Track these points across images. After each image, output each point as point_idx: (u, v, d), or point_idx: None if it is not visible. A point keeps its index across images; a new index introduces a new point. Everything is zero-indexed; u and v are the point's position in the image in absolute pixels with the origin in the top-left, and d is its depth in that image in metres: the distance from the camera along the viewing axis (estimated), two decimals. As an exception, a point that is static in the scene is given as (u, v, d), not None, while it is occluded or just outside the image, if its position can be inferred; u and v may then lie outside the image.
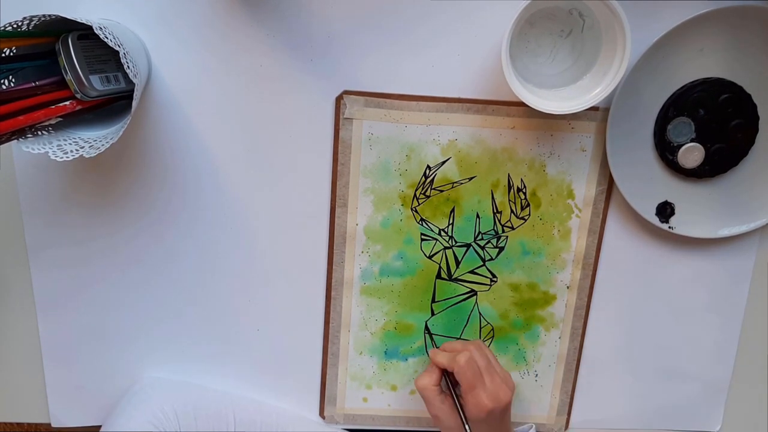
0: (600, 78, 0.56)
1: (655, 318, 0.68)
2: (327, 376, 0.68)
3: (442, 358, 0.61)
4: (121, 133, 0.52)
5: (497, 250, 0.65)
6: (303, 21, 0.58)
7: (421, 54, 0.59)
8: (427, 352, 0.68)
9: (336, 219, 0.63)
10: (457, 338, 0.67)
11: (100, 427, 0.68)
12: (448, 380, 0.61)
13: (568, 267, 0.66)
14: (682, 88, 0.59)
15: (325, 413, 0.69)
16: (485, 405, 0.57)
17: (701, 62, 0.59)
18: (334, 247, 0.64)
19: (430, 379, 0.61)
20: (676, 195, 0.63)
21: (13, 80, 0.52)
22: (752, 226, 0.64)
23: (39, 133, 0.53)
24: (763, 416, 0.72)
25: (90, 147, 0.52)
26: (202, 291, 0.65)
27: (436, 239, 0.64)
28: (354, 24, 0.58)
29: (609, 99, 0.58)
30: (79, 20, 0.49)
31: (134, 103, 0.51)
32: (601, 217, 0.64)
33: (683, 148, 0.60)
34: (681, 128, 0.60)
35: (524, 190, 0.63)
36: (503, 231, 0.64)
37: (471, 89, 0.60)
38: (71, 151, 0.52)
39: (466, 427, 0.57)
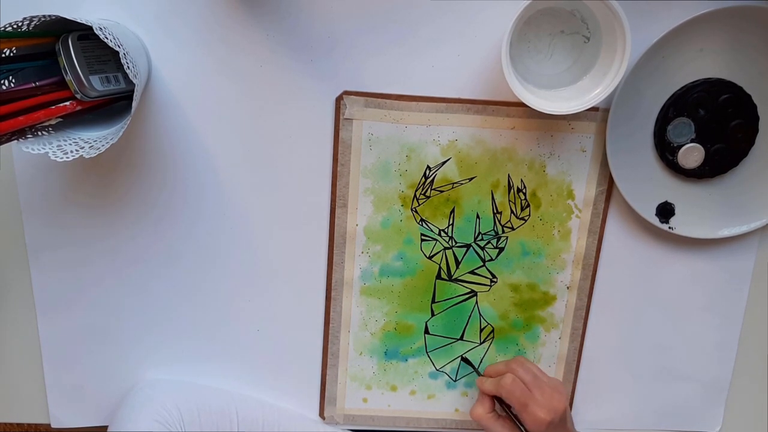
0: (600, 78, 0.56)
1: (655, 318, 0.68)
2: (327, 377, 0.68)
3: (488, 385, 0.62)
4: (121, 133, 0.52)
5: (497, 250, 0.65)
6: (303, 21, 0.58)
7: (421, 54, 0.59)
8: (427, 352, 0.68)
9: (336, 219, 0.63)
10: (457, 339, 0.67)
11: (99, 427, 0.68)
12: (502, 404, 0.62)
13: (568, 267, 0.66)
14: (682, 88, 0.59)
15: (325, 413, 0.69)
16: (542, 419, 0.58)
17: (701, 62, 0.58)
18: (334, 248, 0.64)
19: (483, 408, 0.63)
20: (676, 195, 0.63)
21: (13, 80, 0.52)
22: (752, 226, 0.64)
23: (39, 133, 0.53)
24: (763, 416, 0.72)
25: (90, 147, 0.52)
26: (201, 291, 0.65)
27: (436, 240, 0.64)
28: (354, 25, 0.58)
29: (609, 99, 0.58)
30: (79, 21, 0.49)
31: (134, 104, 0.51)
32: (601, 217, 0.64)
33: (683, 148, 0.60)
34: (681, 129, 0.60)
35: (524, 191, 0.63)
36: (503, 231, 0.64)
37: (471, 89, 0.60)
38: (71, 152, 0.52)
39: None
